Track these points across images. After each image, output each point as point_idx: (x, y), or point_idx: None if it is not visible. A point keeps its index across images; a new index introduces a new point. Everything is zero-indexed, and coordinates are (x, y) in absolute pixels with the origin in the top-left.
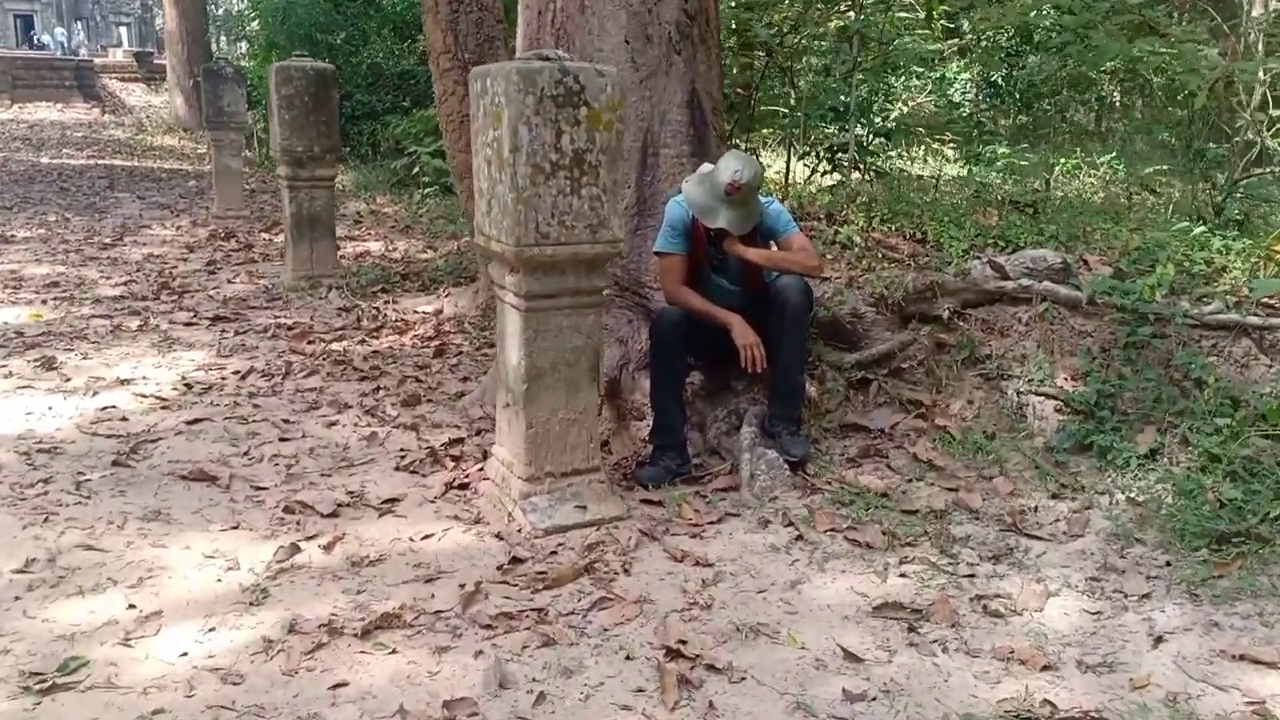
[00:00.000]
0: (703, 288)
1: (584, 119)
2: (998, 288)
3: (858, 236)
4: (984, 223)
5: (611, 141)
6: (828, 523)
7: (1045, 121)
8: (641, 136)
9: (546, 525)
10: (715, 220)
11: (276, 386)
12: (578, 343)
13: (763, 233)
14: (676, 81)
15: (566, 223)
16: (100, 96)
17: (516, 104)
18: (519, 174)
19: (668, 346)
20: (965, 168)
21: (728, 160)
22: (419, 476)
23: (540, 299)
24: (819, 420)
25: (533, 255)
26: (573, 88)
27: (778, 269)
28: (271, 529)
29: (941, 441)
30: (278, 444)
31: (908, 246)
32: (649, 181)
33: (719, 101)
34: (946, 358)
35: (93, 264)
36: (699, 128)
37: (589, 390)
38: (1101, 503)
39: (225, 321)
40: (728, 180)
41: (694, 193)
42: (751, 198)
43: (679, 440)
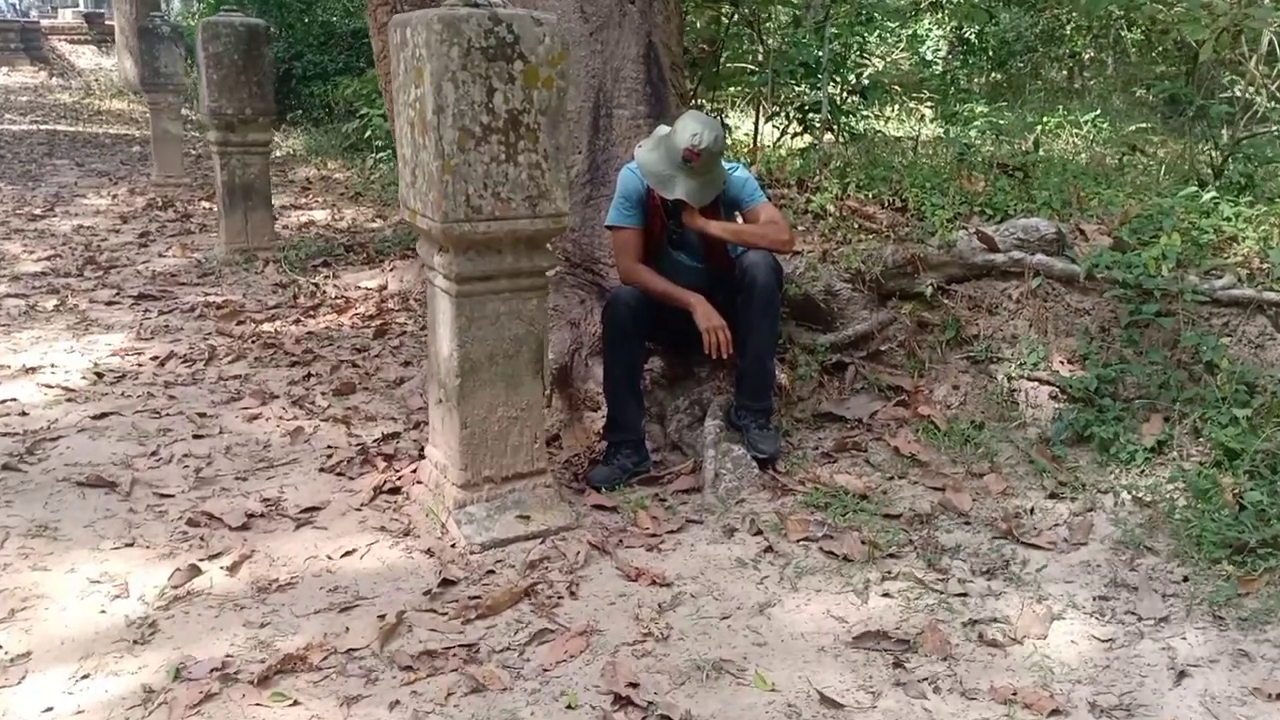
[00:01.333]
0: (661, 265)
1: (519, 75)
2: (986, 261)
3: (831, 205)
4: (969, 189)
5: (552, 101)
6: (800, 531)
7: (1019, 79)
8: (593, 95)
9: (483, 539)
10: (672, 191)
11: (198, 374)
12: (518, 331)
13: (726, 203)
14: (631, 34)
15: (502, 195)
16: (48, 59)
17: (440, 57)
18: (444, 139)
19: (622, 331)
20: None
21: (686, 122)
22: (345, 479)
23: (474, 282)
24: (790, 410)
25: (463, 233)
26: (505, 39)
27: (744, 244)
28: (171, 546)
29: (925, 432)
30: (190, 442)
31: (886, 216)
32: (601, 146)
33: (679, 56)
34: (930, 338)
35: (17, 237)
36: (656, 85)
37: (532, 384)
38: (1105, 504)
39: (150, 300)
40: (686, 145)
41: (648, 159)
42: (713, 164)
43: (636, 436)
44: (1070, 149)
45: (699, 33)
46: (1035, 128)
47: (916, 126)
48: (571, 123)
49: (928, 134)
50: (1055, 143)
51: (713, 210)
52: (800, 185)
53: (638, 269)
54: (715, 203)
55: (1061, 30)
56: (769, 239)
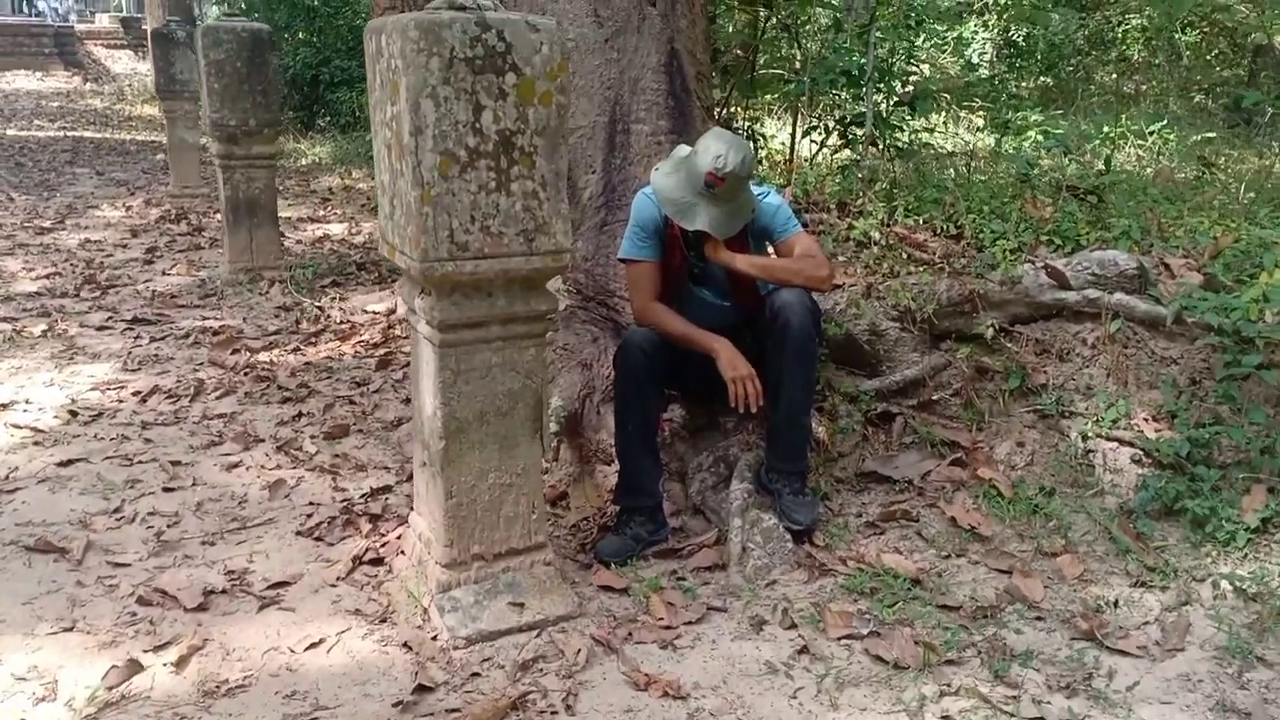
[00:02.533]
0: (681, 303)
1: (512, 90)
2: (1055, 300)
3: (876, 232)
4: (1034, 214)
5: (550, 120)
6: (842, 625)
7: (1070, 84)
8: (608, 109)
9: (469, 631)
10: (693, 220)
11: (181, 412)
12: (513, 385)
13: (756, 234)
14: (651, 40)
15: (492, 229)
16: (82, 64)
17: (417, 70)
18: (423, 164)
19: (636, 379)
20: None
21: (708, 142)
22: (324, 545)
23: (460, 330)
24: (829, 468)
25: (446, 273)
26: (495, 48)
27: (775, 281)
28: (116, 631)
29: (986, 499)
30: (159, 497)
31: (939, 245)
32: (618, 165)
33: (705, 65)
34: (990, 387)
35: (20, 252)
36: (679, 97)
37: (530, 446)
38: (1202, 595)
39: (144, 325)
40: (708, 168)
41: (665, 185)
42: (739, 190)
43: (651, 501)
44: (1137, 164)
45: (730, 37)
46: (1101, 141)
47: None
48: (585, 139)
49: (980, 144)
50: (1118, 155)
51: (740, 242)
52: (841, 208)
53: (654, 308)
54: (743, 233)
55: (1112, 32)
56: (804, 275)
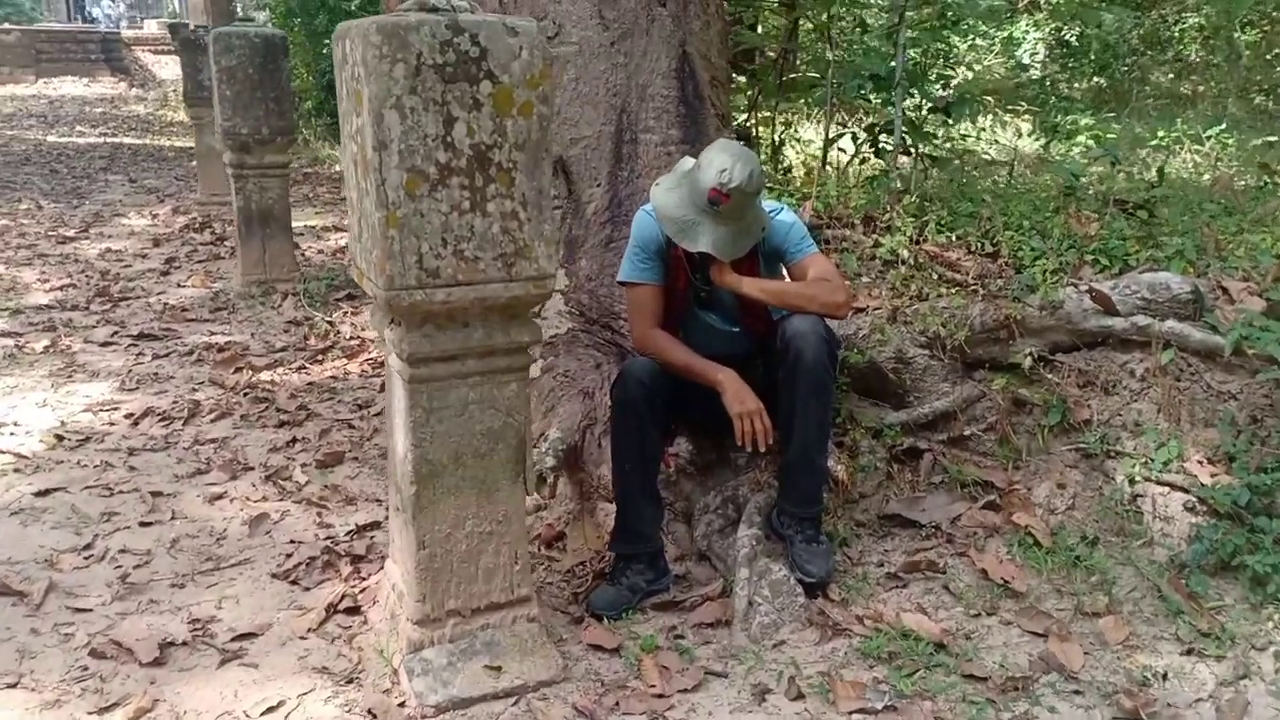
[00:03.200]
0: (687, 329)
1: (488, 99)
2: (1101, 327)
3: (905, 250)
4: (1078, 230)
5: (531, 132)
6: (854, 698)
7: (1123, 85)
8: (614, 117)
9: (439, 698)
10: (695, 241)
11: (172, 436)
12: (493, 424)
13: (767, 254)
14: (661, 43)
15: (466, 253)
16: (129, 70)
17: (380, 78)
18: (388, 183)
19: (635, 414)
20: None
21: (712, 155)
22: (299, 590)
23: (433, 363)
24: (849, 510)
25: (415, 302)
26: (469, 53)
27: (787, 308)
28: (61, 689)
29: (1022, 548)
30: (134, 532)
31: (974, 264)
32: (625, 178)
33: (721, 69)
34: (1028, 422)
35: (39, 263)
36: (691, 104)
37: (512, 490)
38: (1262, 667)
39: (149, 341)
40: (711, 184)
41: (666, 202)
42: (746, 207)
43: (651, 548)
44: (1193, 172)
45: (764, 38)
46: (1156, 147)
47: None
48: (589, 150)
49: (1026, 148)
50: (1173, 162)
51: (750, 263)
52: (867, 223)
53: (654, 336)
54: (752, 254)
55: (1168, 31)
56: (819, 301)
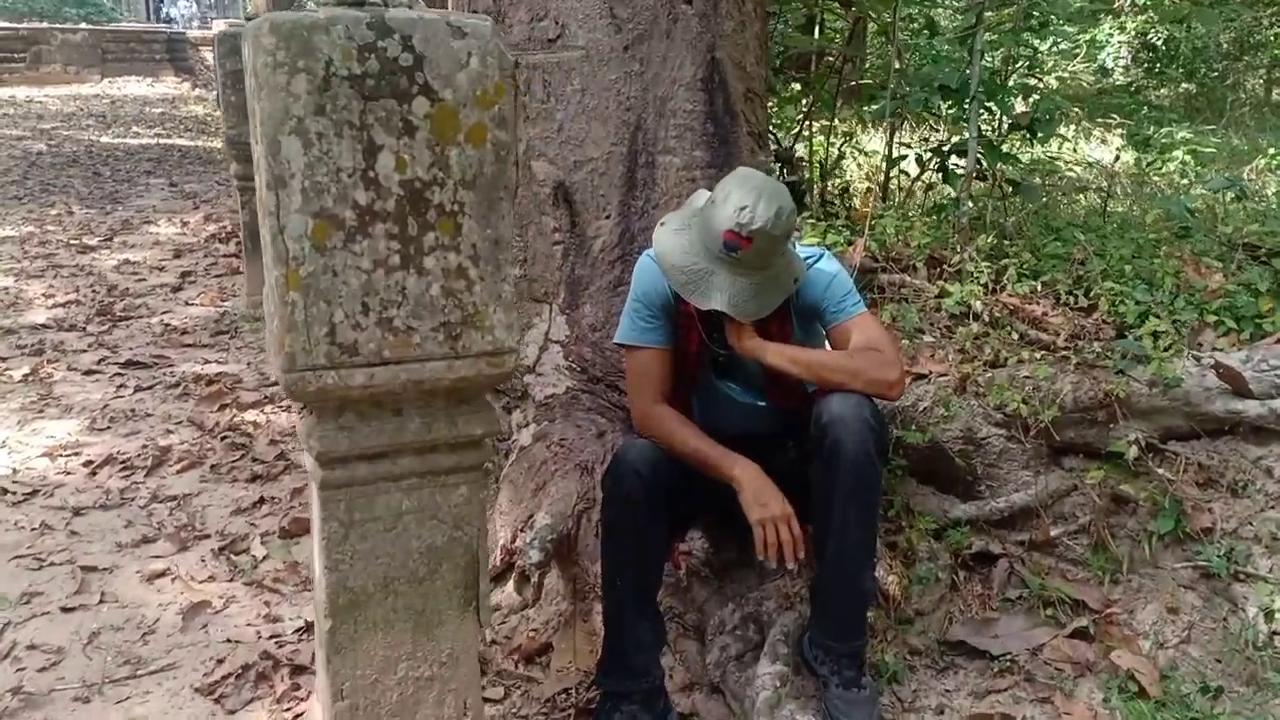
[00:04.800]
0: (703, 400)
1: (424, 121)
2: (1229, 411)
3: (978, 301)
4: (1196, 280)
5: (485, 164)
6: None
7: (1216, 92)
8: (628, 136)
9: None
10: (707, 297)
11: (130, 490)
12: (435, 540)
13: (801, 310)
14: (685, 48)
15: (396, 322)
16: (193, 70)
17: (275, 93)
18: (289, 230)
19: (630, 517)
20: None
21: (730, 188)
22: (221, 712)
23: (354, 464)
24: (902, 633)
25: (325, 387)
26: (397, 60)
27: (825, 385)
28: None
29: (1121, 696)
30: (54, 619)
31: (1064, 321)
32: (639, 208)
33: (758, 79)
34: (1131, 526)
35: (51, 274)
36: (721, 121)
37: (461, 623)
38: None
39: (136, 370)
40: (727, 226)
41: (672, 246)
42: (772, 254)
43: (647, 684)
44: None
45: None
46: (1268, 165)
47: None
48: (596, 174)
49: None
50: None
51: (778, 323)
52: (933, 266)
53: (658, 413)
54: (784, 311)
55: (1261, 34)
56: (865, 377)
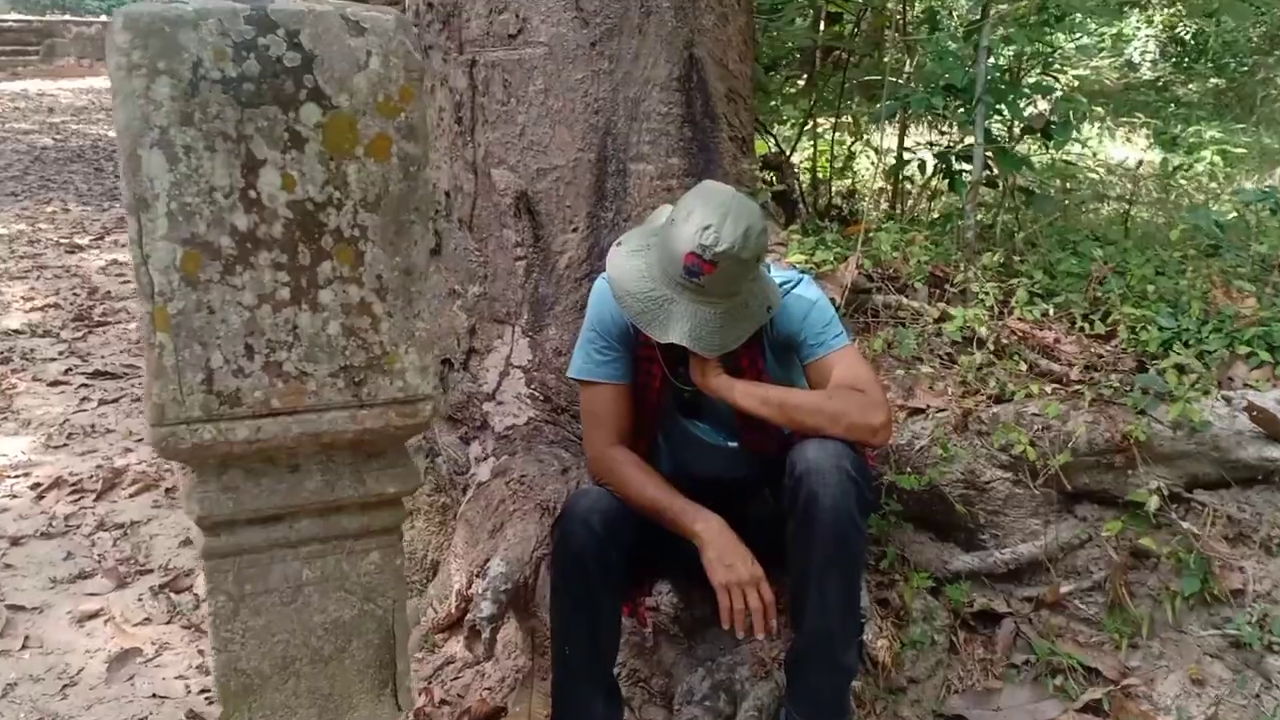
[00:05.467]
0: (668, 441)
1: (316, 132)
2: (1263, 459)
3: (984, 326)
4: (1226, 305)
5: (391, 182)
6: None
7: (1246, 88)
8: (596, 141)
9: None
10: (665, 329)
11: (75, 517)
12: (343, 614)
13: (776, 343)
14: (659, 43)
15: (286, 366)
16: None
17: (133, 100)
18: (154, 260)
19: (580, 577)
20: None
21: (693, 204)
22: None
23: (242, 529)
24: (893, 703)
25: (201, 443)
26: (281, 60)
27: (800, 429)
28: None
29: None
30: None
31: (1078, 348)
32: (609, 221)
33: (743, 78)
34: (1152, 583)
35: (34, 275)
36: (700, 125)
37: (377, 705)
38: None
39: (105, 380)
40: (689, 247)
41: (627, 271)
42: (742, 279)
43: None
44: None
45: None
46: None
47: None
48: (561, 184)
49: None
50: None
51: (749, 357)
52: (934, 285)
53: (614, 457)
54: (756, 343)
55: None
56: (846, 421)
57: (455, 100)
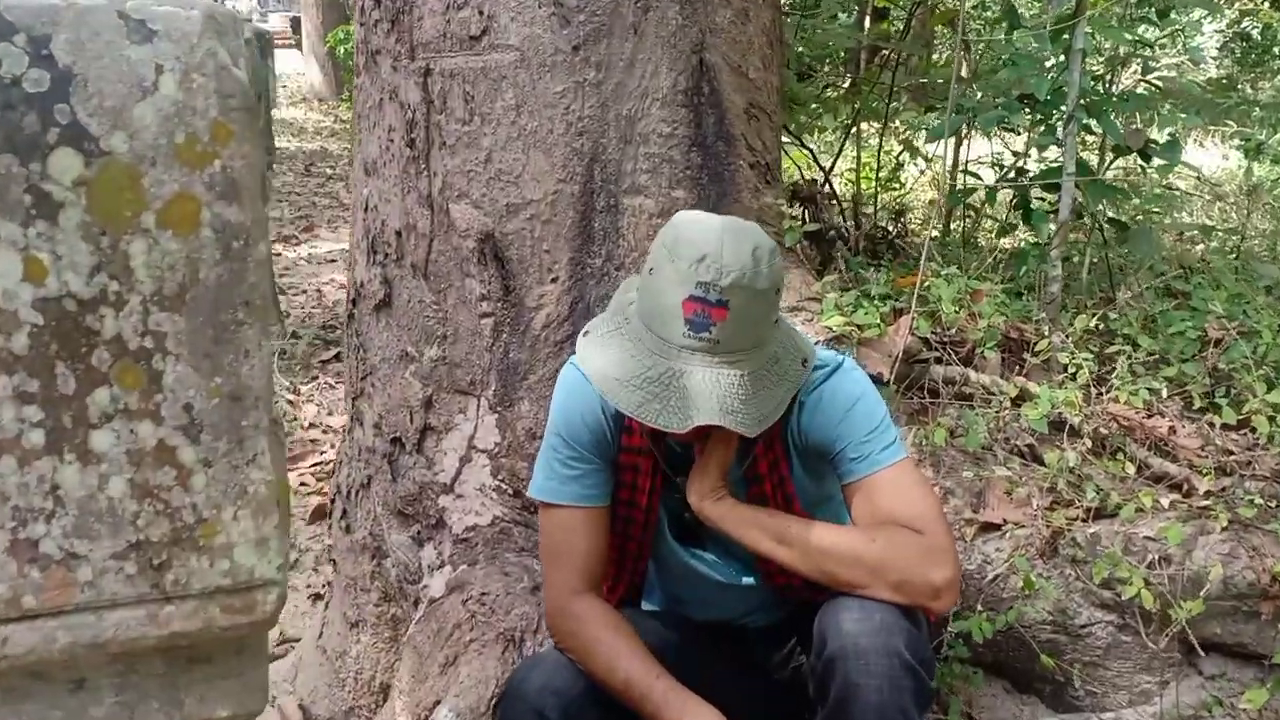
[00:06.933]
0: (661, 572)
1: (75, 193)
2: None
3: (1075, 413)
4: None
5: (204, 265)
6: None
7: None
8: (581, 170)
9: None
10: (686, 415)
11: None
12: None
13: (807, 448)
14: (660, 47)
15: (44, 545)
16: None
17: None
18: None
19: None
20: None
21: (675, 238)
22: None
23: None
24: None
25: None
26: (20, 83)
27: (832, 582)
28: None
29: None
30: None
31: (1201, 442)
32: (597, 269)
33: (769, 89)
34: None
35: None
36: (712, 148)
37: None
38: None
39: None
40: (686, 292)
41: (607, 360)
42: (762, 319)
43: None
44: None
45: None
46: None
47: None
48: (537, 223)
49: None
50: None
51: (768, 457)
52: (1008, 352)
53: (580, 612)
54: (776, 439)
55: None
56: (896, 577)
57: (407, 118)
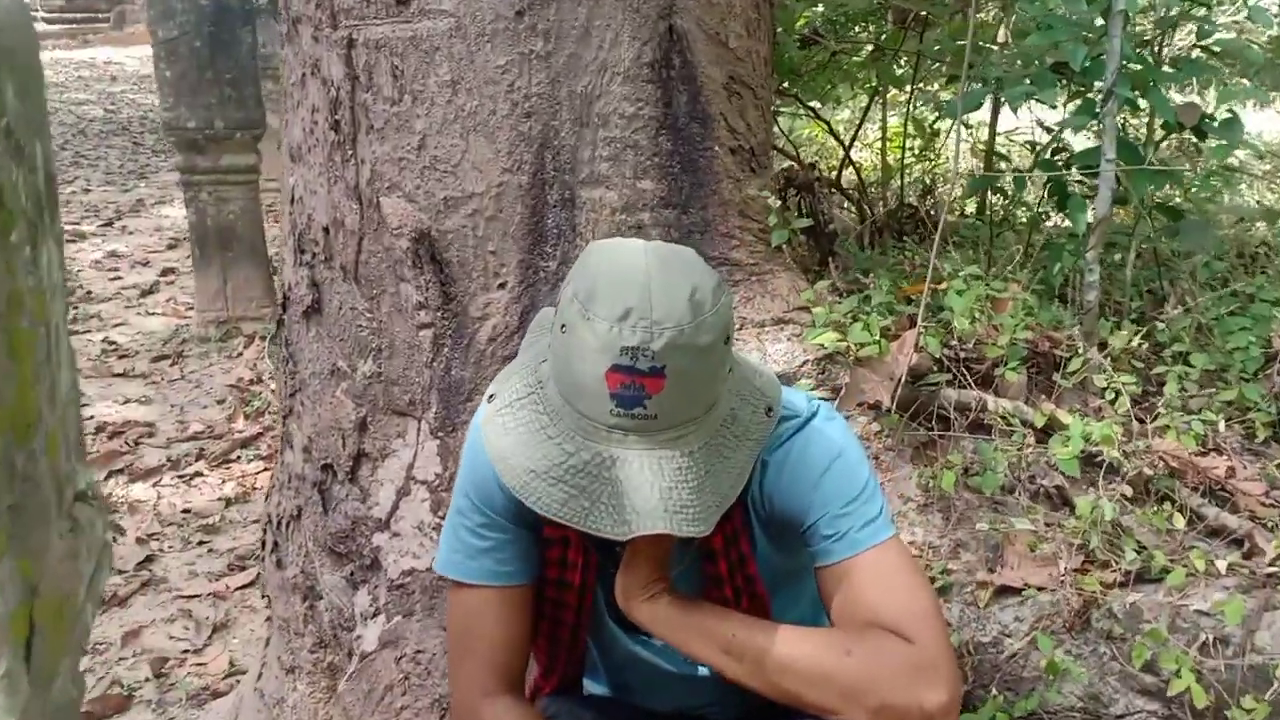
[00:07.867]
0: (600, 658)
1: None
2: None
3: (1114, 448)
4: None
5: None
6: None
7: None
8: (530, 157)
9: None
10: (620, 519)
11: None
12: None
13: (771, 519)
14: (622, 11)
15: None
16: None
17: None
18: None
19: None
20: None
21: (591, 284)
22: None
23: None
24: None
25: None
26: None
27: (795, 703)
28: None
29: None
30: None
31: (1265, 488)
32: (551, 273)
33: (756, 60)
34: None
35: None
36: (684, 131)
37: None
38: None
39: None
40: (609, 362)
41: (518, 442)
42: (713, 379)
43: None
44: None
45: None
46: None
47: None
48: (481, 220)
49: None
50: None
51: (725, 529)
52: (1036, 370)
53: (494, 716)
54: (729, 514)
55: None
56: (876, 700)
57: (330, 96)
